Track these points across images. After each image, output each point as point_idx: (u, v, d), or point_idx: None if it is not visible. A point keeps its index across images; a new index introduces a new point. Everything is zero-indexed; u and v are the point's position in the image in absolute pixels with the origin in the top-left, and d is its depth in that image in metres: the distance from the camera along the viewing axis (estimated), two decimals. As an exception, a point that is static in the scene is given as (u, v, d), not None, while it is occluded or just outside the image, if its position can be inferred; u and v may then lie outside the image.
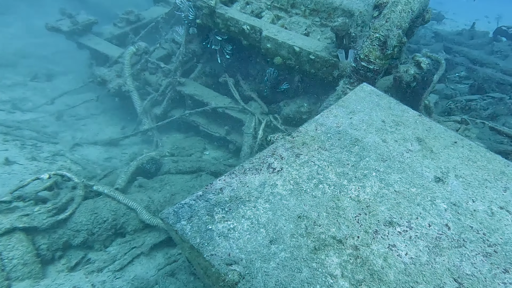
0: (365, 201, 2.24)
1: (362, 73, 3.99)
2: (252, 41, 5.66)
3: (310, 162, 2.50)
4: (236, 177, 2.44)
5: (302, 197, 2.28)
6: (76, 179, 4.56)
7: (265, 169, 2.48)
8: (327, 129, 2.81)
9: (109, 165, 6.11)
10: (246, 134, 5.77)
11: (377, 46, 3.78)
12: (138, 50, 6.74)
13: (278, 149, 2.63)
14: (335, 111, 2.97)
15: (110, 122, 7.35)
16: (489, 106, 7.71)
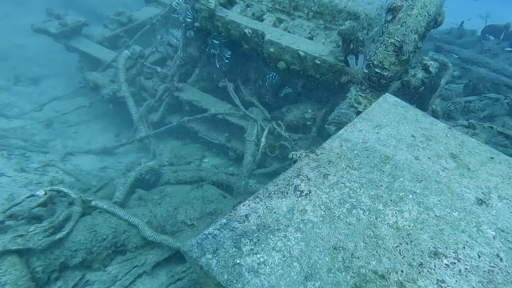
0: (404, 228, 2.05)
1: (375, 80, 3.81)
2: (253, 45, 5.44)
3: (340, 184, 2.30)
4: (261, 202, 2.23)
5: (336, 224, 2.07)
6: (74, 194, 4.28)
7: (291, 192, 2.27)
8: (353, 145, 2.61)
9: (104, 175, 5.83)
10: (248, 142, 5.55)
11: (392, 52, 3.61)
12: (133, 54, 6.46)
13: (304, 169, 2.42)
14: (360, 125, 2.78)
15: (103, 129, 7.05)
16: (486, 107, 7.65)
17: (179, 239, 4.35)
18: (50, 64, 9.45)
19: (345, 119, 3.84)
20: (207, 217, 4.50)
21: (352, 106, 3.91)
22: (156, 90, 6.43)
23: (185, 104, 6.20)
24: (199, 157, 6.35)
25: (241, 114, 5.85)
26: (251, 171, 5.37)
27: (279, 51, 5.14)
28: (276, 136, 5.60)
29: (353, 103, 3.90)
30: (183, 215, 4.48)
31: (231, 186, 5.34)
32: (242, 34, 5.42)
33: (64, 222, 4.14)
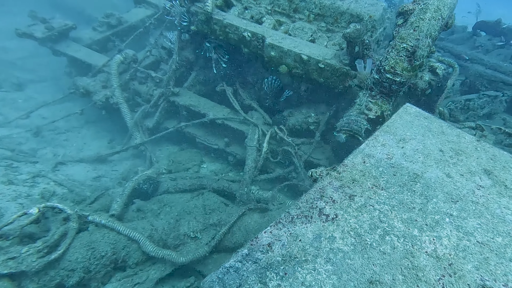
0: (445, 258, 1.89)
1: (386, 86, 3.67)
2: (253, 49, 5.25)
3: (368, 206, 2.14)
4: (284, 228, 2.06)
5: (369, 254, 1.91)
6: (69, 210, 4.05)
7: (316, 217, 2.10)
8: (377, 161, 2.45)
9: (99, 185, 5.59)
10: (249, 147, 5.37)
11: (404, 57, 3.47)
12: (126, 59, 6.21)
13: (327, 190, 2.26)
14: (382, 139, 2.62)
15: (95, 136, 6.78)
16: (485, 105, 7.61)
17: (182, 252, 4.16)
18: (35, 69, 9.07)
19: (356, 126, 3.70)
20: (210, 228, 4.32)
21: (362, 113, 3.77)
22: (151, 95, 6.20)
23: (182, 109, 5.99)
24: (198, 162, 6.16)
25: (241, 118, 5.66)
26: (253, 178, 5.20)
27: (280, 55, 4.97)
28: (278, 141, 5.43)
29: (364, 110, 3.75)
30: (185, 227, 4.29)
31: (232, 193, 5.16)
32: (241, 37, 5.23)
33: (59, 240, 3.92)
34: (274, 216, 4.38)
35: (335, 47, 5.09)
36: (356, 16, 5.02)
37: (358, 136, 3.63)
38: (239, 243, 4.30)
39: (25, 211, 3.83)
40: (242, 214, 4.39)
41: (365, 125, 3.67)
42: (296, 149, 5.22)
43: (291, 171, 5.32)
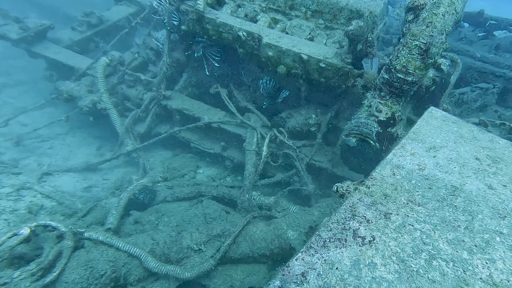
0: (503, 284, 1.75)
1: (397, 86, 3.52)
2: (249, 49, 5.04)
3: (407, 226, 1.98)
4: (317, 254, 1.88)
5: (417, 283, 1.74)
6: (63, 227, 3.78)
7: (351, 239, 1.93)
8: (408, 173, 2.30)
9: (90, 196, 5.29)
10: (248, 152, 5.18)
11: (417, 55, 3.32)
12: (112, 61, 5.89)
13: (358, 207, 2.09)
14: (410, 147, 2.47)
15: (82, 143, 6.44)
16: (478, 98, 7.63)
17: (186, 267, 3.95)
18: (9, 72, 8.53)
19: (366, 129, 3.55)
20: (215, 239, 4.11)
21: (372, 115, 3.62)
22: (140, 99, 5.91)
23: (175, 113, 5.73)
24: (193, 168, 5.92)
25: (237, 121, 5.45)
26: (253, 183, 5.01)
27: (278, 55, 4.78)
28: (278, 144, 5.25)
29: (374, 112, 3.60)
30: (188, 240, 4.07)
31: (233, 200, 4.97)
32: (236, 37, 5.00)
33: (54, 261, 3.65)
34: (280, 224, 4.21)
35: (335, 45, 4.93)
36: (356, 11, 4.87)
37: (369, 140, 3.49)
38: (245, 254, 4.12)
39: (16, 232, 3.54)
40: (246, 223, 4.21)
41: (376, 128, 3.53)
42: (298, 152, 5.05)
43: (293, 174, 5.16)
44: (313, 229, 4.14)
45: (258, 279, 4.12)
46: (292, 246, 4.07)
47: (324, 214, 4.22)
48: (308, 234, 4.14)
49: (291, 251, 4.13)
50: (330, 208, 4.26)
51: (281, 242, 4.11)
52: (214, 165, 6.09)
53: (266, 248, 4.11)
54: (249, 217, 4.25)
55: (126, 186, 5.24)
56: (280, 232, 4.15)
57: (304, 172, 4.98)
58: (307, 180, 4.93)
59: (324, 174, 5.11)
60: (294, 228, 4.17)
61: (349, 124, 3.76)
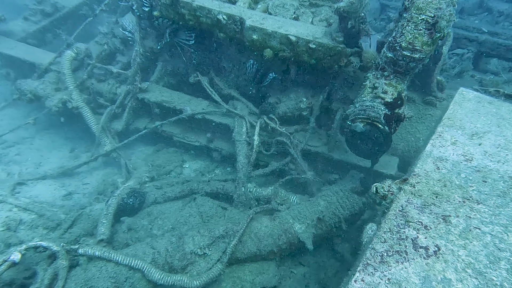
0: None
1: (402, 64, 3.34)
2: (231, 33, 4.71)
3: (473, 230, 1.80)
4: (377, 272, 1.68)
5: (506, 300, 1.59)
6: (55, 246, 3.44)
7: (412, 251, 1.75)
8: (454, 165, 2.12)
9: (72, 204, 4.88)
10: (238, 142, 4.91)
11: (424, 30, 3.13)
12: (78, 54, 5.36)
13: (409, 211, 1.91)
14: (449, 136, 2.30)
15: (52, 146, 5.92)
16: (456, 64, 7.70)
17: (192, 274, 3.72)
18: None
19: (373, 113, 3.37)
20: (219, 241, 3.88)
21: (377, 97, 3.45)
22: (114, 94, 5.45)
23: (154, 107, 5.34)
24: (179, 163, 5.60)
25: (223, 111, 5.16)
26: (248, 175, 4.78)
27: (264, 38, 4.48)
28: (269, 131, 5.02)
29: (379, 93, 3.43)
30: (191, 244, 3.82)
31: (228, 194, 4.74)
32: (216, 21, 4.65)
33: (50, 284, 3.32)
34: (285, 217, 4.04)
35: (322, 23, 4.70)
36: (342, -13, 4.62)
37: (377, 123, 3.32)
38: (252, 253, 3.92)
39: (5, 259, 3.16)
40: (250, 220, 4.00)
41: (383, 110, 3.37)
42: (292, 139, 4.85)
43: (288, 162, 4.97)
44: (321, 220, 3.99)
45: (268, 277, 3.96)
46: (301, 239, 3.91)
47: (330, 203, 4.07)
48: (317, 226, 3.99)
49: (300, 245, 3.98)
50: (337, 196, 4.11)
51: (289, 237, 3.94)
52: (200, 158, 5.79)
53: (274, 244, 3.93)
54: (252, 213, 4.04)
55: (111, 190, 4.87)
56: (287, 226, 3.97)
57: (300, 159, 4.80)
58: (304, 167, 4.76)
59: (320, 159, 4.96)
60: (301, 220, 4.00)
61: (353, 109, 3.58)
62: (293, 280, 4.20)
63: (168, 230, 4.33)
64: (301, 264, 4.28)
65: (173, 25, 5.08)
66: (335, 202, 4.08)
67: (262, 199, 4.69)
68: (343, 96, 4.79)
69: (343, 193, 4.14)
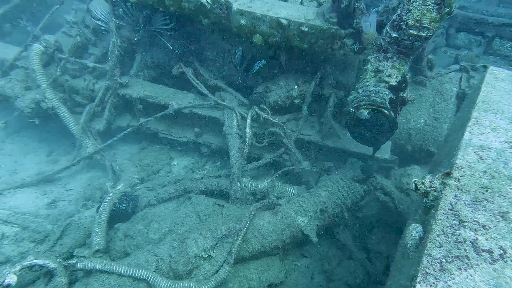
0: None
1: (408, 44, 3.19)
2: (216, 19, 4.44)
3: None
4: (440, 282, 1.53)
5: None
6: (52, 263, 3.17)
7: (473, 255, 1.59)
8: (499, 154, 1.97)
9: (58, 213, 4.56)
10: (230, 136, 4.71)
11: (432, 6, 2.96)
12: (48, 48, 4.92)
13: (460, 209, 1.76)
14: (487, 121, 2.15)
15: (26, 150, 5.50)
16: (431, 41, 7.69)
17: (199, 278, 3.55)
18: None
19: (378, 98, 3.24)
20: (223, 242, 3.71)
21: (382, 81, 3.31)
22: (92, 91, 5.08)
23: (136, 103, 5.02)
24: (167, 161, 5.35)
25: (211, 103, 4.91)
26: (242, 169, 4.61)
27: (252, 23, 4.24)
28: (261, 122, 4.83)
29: (384, 77, 3.29)
30: (194, 248, 3.63)
31: (223, 191, 4.56)
32: (199, 6, 4.35)
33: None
34: (287, 211, 3.91)
35: (313, 4, 4.50)
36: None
37: (383, 109, 3.20)
38: (257, 250, 3.79)
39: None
40: (252, 217, 3.85)
41: (388, 95, 3.25)
42: (285, 129, 4.69)
43: (282, 153, 4.82)
44: (324, 211, 3.89)
45: (274, 273, 3.85)
46: (305, 233, 3.81)
47: (332, 193, 3.97)
48: (320, 218, 3.89)
49: (304, 238, 3.88)
50: (338, 186, 4.01)
51: (292, 231, 3.83)
52: (187, 154, 5.55)
53: (278, 240, 3.81)
54: (253, 210, 3.89)
55: (99, 195, 4.57)
56: (290, 221, 3.85)
57: (295, 149, 4.66)
58: (299, 157, 4.63)
59: (313, 147, 4.84)
60: (303, 213, 3.89)
61: (356, 95, 3.43)
62: (298, 273, 4.12)
63: (165, 233, 4.13)
64: (303, 256, 4.20)
65: (145, 11, 4.74)
66: (336, 192, 3.98)
67: (258, 193, 4.55)
68: (335, 81, 4.65)
69: (344, 182, 4.05)
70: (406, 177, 4.19)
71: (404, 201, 3.83)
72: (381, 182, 4.00)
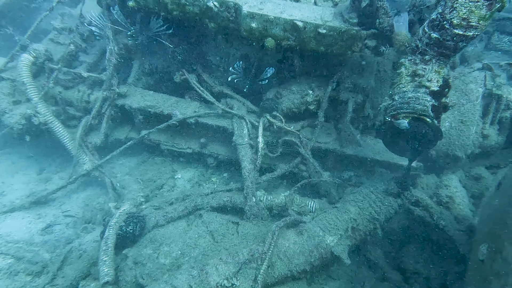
0: None
1: (451, 45, 2.90)
2: (223, 23, 4.11)
3: None
4: None
5: None
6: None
7: None
8: None
9: (55, 239, 4.13)
10: (240, 146, 4.37)
11: (482, 2, 2.69)
12: (38, 58, 4.49)
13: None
14: None
15: (13, 168, 5.01)
16: None
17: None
18: None
19: (419, 105, 2.96)
20: (246, 267, 3.37)
21: (421, 86, 3.03)
22: (87, 102, 4.65)
23: (137, 114, 4.62)
24: (170, 174, 4.96)
25: (219, 112, 4.57)
26: (255, 181, 4.27)
27: (264, 26, 3.92)
28: (273, 131, 4.51)
29: (424, 81, 3.01)
30: (215, 276, 3.27)
31: (237, 206, 4.22)
32: (205, 9, 4.02)
33: None
34: (314, 229, 3.58)
35: (328, 4, 4.22)
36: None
37: (425, 118, 2.93)
38: (283, 275, 3.44)
39: None
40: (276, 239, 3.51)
41: (430, 101, 2.97)
42: (301, 137, 4.38)
43: (298, 163, 4.50)
44: (355, 229, 3.58)
45: (302, 299, 3.53)
46: (335, 254, 3.49)
47: (362, 209, 3.66)
48: (351, 237, 3.57)
49: (334, 260, 3.56)
50: (369, 200, 3.70)
51: (321, 252, 3.50)
52: (191, 165, 5.17)
53: (306, 262, 3.48)
54: (276, 229, 3.55)
55: (103, 217, 4.15)
56: (318, 240, 3.52)
57: (312, 159, 4.35)
58: (317, 167, 4.32)
59: (331, 156, 4.54)
60: (332, 232, 3.57)
61: (391, 102, 3.14)
62: (328, 298, 3.80)
63: (177, 257, 3.76)
64: (331, 278, 3.87)
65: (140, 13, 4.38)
66: (367, 207, 3.67)
67: (274, 208, 4.22)
68: (351, 85, 4.36)
69: (376, 195, 3.74)
70: (443, 188, 3.93)
71: (445, 216, 3.54)
72: (416, 195, 3.71)
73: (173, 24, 4.49)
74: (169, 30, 4.46)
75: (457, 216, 3.63)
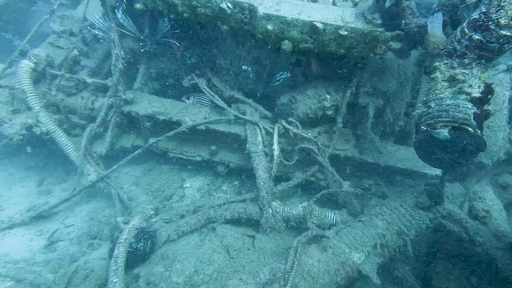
0: None
1: (495, 47, 2.68)
2: (237, 25, 3.87)
3: None
4: None
5: None
6: None
7: None
8: None
9: (59, 257, 3.86)
10: (255, 154, 4.13)
11: None
12: (38, 64, 4.22)
13: None
14: None
15: (11, 180, 4.74)
16: None
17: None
18: None
19: (460, 113, 2.74)
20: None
21: (461, 92, 2.81)
22: (91, 110, 4.40)
23: (144, 120, 4.37)
24: (179, 183, 4.72)
25: (230, 118, 4.33)
26: (271, 191, 4.04)
27: (281, 28, 3.69)
28: (289, 138, 4.28)
29: (464, 87, 2.78)
30: (238, 296, 3.05)
31: (252, 218, 3.98)
32: (218, 11, 3.78)
33: None
34: (339, 246, 3.35)
35: (347, 4, 3.99)
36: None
37: (467, 127, 2.70)
38: (307, 296, 3.21)
39: None
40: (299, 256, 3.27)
41: (471, 109, 2.75)
42: (319, 144, 4.15)
43: (315, 171, 4.28)
44: (384, 246, 3.34)
45: (329, 320, 3.29)
46: (364, 273, 3.25)
47: (390, 223, 3.42)
48: (380, 254, 3.33)
49: (360, 278, 3.32)
50: (398, 214, 3.47)
51: (347, 270, 3.26)
52: (199, 174, 4.93)
53: (331, 282, 3.23)
54: (298, 246, 3.31)
55: (110, 232, 3.90)
56: (343, 258, 3.28)
57: (331, 167, 4.12)
58: (338, 177, 4.09)
59: (350, 164, 4.32)
60: (359, 248, 3.33)
61: (427, 109, 2.92)
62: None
63: (190, 275, 3.52)
64: (355, 296, 3.64)
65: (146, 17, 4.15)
66: (396, 221, 3.44)
67: (292, 220, 3.99)
68: (371, 88, 4.15)
69: (405, 209, 3.50)
70: (478, 201, 3.71)
71: (483, 232, 3.30)
72: (448, 208, 3.48)
73: (183, 27, 4.26)
74: (176, 30, 4.22)
75: (495, 232, 3.41)
